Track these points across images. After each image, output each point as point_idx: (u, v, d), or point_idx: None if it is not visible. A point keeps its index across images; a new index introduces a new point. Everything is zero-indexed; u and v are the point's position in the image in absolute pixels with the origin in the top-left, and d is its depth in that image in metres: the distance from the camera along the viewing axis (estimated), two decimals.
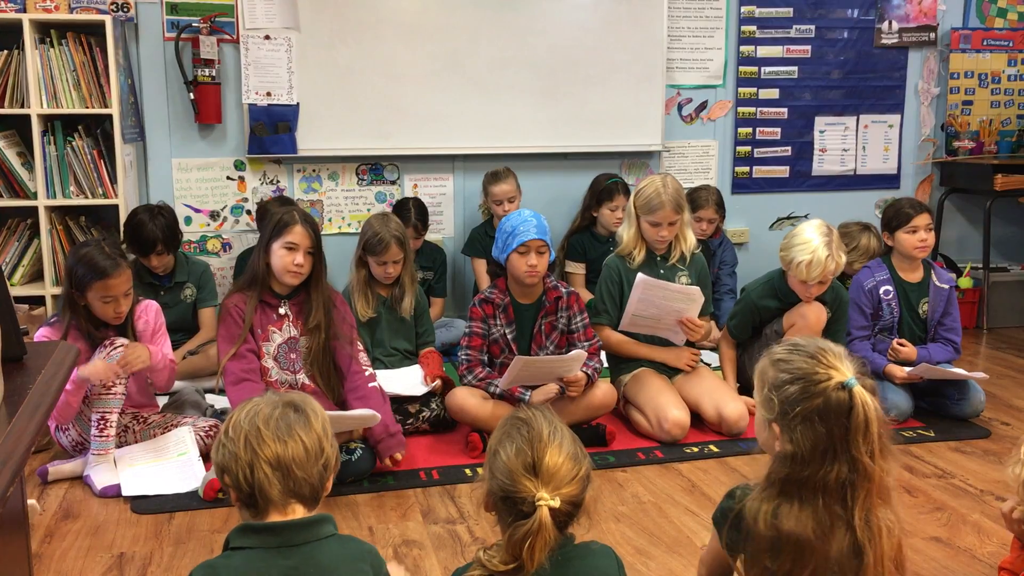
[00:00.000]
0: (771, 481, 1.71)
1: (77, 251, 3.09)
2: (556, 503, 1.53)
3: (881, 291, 3.75)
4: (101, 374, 2.98)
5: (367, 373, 3.20)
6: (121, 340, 3.07)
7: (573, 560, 1.61)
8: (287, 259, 3.09)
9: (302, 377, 3.20)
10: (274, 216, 3.17)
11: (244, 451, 1.57)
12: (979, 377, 3.66)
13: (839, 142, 5.40)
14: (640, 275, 3.43)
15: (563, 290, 3.46)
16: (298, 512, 1.60)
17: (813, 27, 5.25)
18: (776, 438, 1.70)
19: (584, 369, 3.34)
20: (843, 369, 1.65)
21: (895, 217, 3.75)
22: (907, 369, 3.65)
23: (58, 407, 3.00)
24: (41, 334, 3.11)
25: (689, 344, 3.68)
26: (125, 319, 3.15)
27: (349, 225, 4.81)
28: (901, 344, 3.71)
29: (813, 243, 3.43)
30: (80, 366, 3.00)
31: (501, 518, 1.61)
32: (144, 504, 2.90)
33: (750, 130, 5.27)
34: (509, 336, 3.38)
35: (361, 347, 3.28)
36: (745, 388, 3.73)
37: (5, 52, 4.02)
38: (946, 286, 3.77)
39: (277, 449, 1.57)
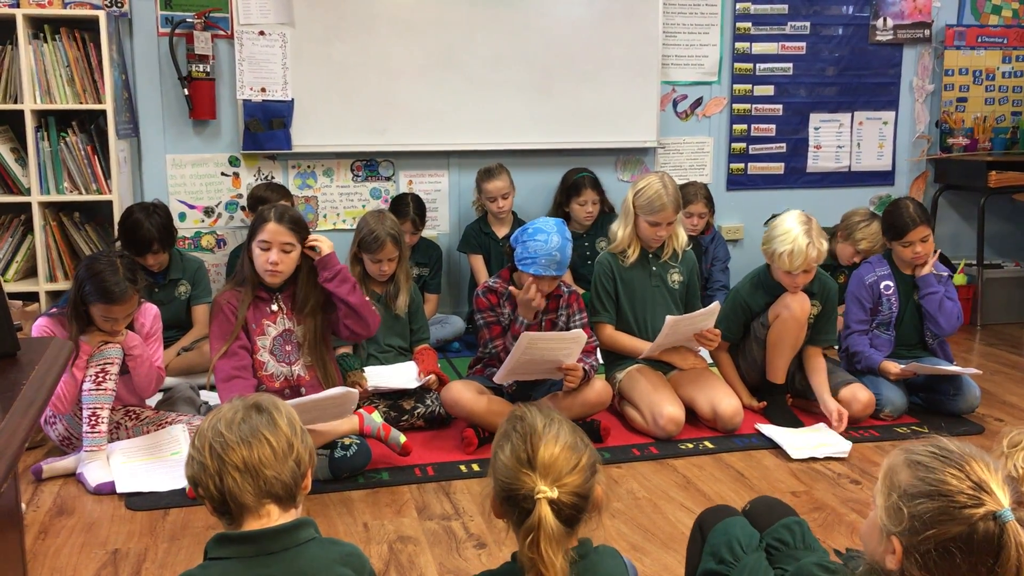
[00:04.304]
0: None
1: (92, 264, 3.04)
2: (554, 494, 1.49)
3: (882, 286, 3.76)
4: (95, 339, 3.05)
5: None
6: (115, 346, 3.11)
7: (596, 567, 1.58)
8: (261, 259, 3.08)
9: (298, 369, 3.20)
10: (256, 215, 3.18)
11: (211, 460, 1.55)
12: (972, 373, 3.67)
13: (834, 139, 5.41)
14: (668, 317, 3.43)
15: (564, 289, 3.46)
16: (273, 514, 1.57)
17: (808, 24, 5.25)
18: (893, 555, 1.39)
19: (582, 365, 3.33)
20: (997, 493, 1.33)
21: (891, 228, 3.75)
22: (901, 365, 3.66)
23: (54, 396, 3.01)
24: (40, 324, 3.10)
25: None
26: None
27: (344, 221, 4.81)
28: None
29: (793, 232, 3.43)
30: (75, 363, 3.01)
31: (509, 521, 1.58)
32: (138, 501, 2.89)
33: (745, 126, 5.28)
34: (516, 322, 3.38)
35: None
36: (749, 386, 3.76)
37: None
38: (944, 274, 3.80)
39: (243, 453, 1.54)
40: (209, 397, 3.64)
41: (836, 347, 3.97)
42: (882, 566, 1.41)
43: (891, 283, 3.76)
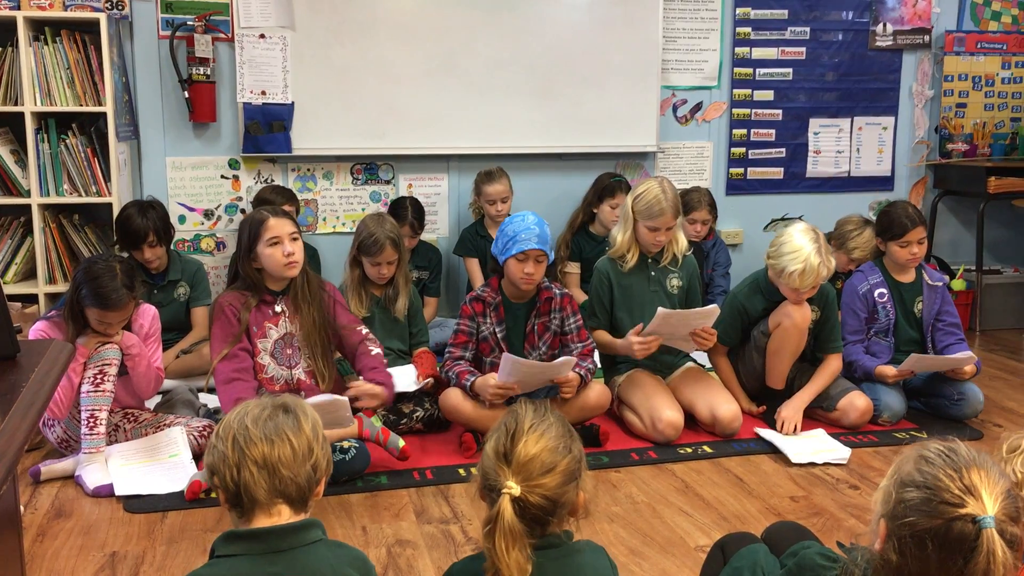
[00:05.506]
0: None
1: (90, 268, 3.03)
2: (516, 491, 1.53)
3: (876, 294, 3.76)
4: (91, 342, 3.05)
5: (373, 353, 3.24)
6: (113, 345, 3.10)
7: (562, 559, 1.60)
8: (277, 254, 3.08)
9: (298, 372, 3.20)
10: (244, 225, 3.16)
11: (232, 451, 1.58)
12: (967, 356, 3.62)
13: (833, 144, 5.41)
14: (660, 309, 3.40)
15: (556, 291, 3.45)
16: (284, 514, 1.59)
17: (808, 29, 5.26)
18: (879, 538, 1.43)
19: (577, 370, 3.33)
20: (986, 500, 1.34)
21: (889, 229, 3.74)
22: (896, 368, 3.65)
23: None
24: (37, 328, 3.10)
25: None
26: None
27: (344, 224, 4.81)
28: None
29: (804, 251, 3.39)
30: (71, 366, 3.01)
31: (487, 506, 1.62)
32: (137, 503, 2.89)
33: (744, 131, 5.28)
34: (499, 334, 3.38)
35: (367, 329, 3.30)
36: (748, 393, 3.75)
37: None
38: (939, 284, 3.79)
39: (264, 449, 1.57)
40: (208, 399, 3.63)
41: None
42: (872, 550, 1.44)
43: (884, 290, 3.76)
